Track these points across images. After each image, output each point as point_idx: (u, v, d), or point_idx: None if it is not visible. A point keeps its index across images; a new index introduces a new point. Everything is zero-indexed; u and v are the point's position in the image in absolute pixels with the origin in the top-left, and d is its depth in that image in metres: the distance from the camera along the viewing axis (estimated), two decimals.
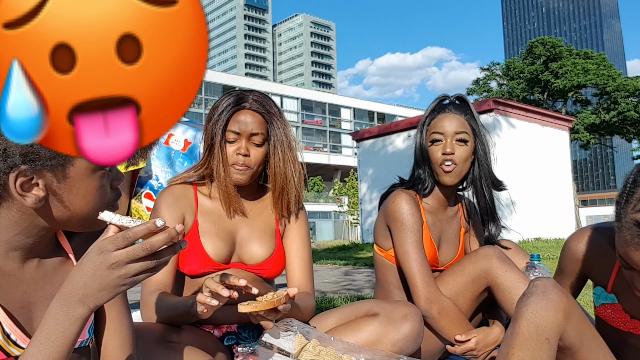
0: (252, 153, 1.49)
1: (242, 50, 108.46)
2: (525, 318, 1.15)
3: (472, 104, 1.83)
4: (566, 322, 1.15)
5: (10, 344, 0.81)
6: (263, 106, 1.51)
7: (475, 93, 27.95)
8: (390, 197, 1.78)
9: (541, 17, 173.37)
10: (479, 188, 1.81)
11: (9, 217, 0.82)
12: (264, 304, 1.16)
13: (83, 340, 0.92)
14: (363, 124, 45.13)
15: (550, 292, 1.16)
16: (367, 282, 5.35)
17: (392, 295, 1.84)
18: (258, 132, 1.49)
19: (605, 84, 24.81)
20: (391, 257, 1.82)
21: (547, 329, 1.13)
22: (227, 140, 1.49)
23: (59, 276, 0.91)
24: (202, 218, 1.51)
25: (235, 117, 1.49)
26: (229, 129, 1.48)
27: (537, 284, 1.19)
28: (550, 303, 1.14)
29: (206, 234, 1.48)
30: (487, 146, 1.81)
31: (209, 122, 1.52)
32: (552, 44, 26.33)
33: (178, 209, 1.49)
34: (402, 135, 13.43)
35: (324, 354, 1.27)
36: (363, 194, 15.00)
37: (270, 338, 1.30)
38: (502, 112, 11.89)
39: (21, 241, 0.84)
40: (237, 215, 1.55)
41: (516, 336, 1.15)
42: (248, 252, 1.52)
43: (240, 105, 1.49)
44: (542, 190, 12.17)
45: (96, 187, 0.84)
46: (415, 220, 1.72)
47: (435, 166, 1.77)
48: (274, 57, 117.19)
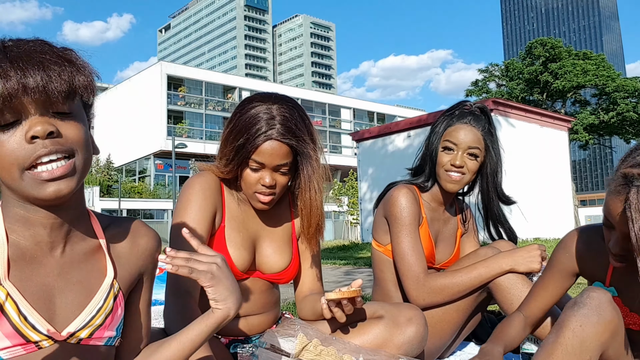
0: (277, 181, 1.38)
1: (242, 50, 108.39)
2: (572, 330, 1.10)
3: (492, 117, 1.83)
4: (611, 341, 1.11)
5: (28, 327, 0.81)
6: (293, 133, 1.35)
7: (474, 94, 27.95)
8: (391, 191, 1.79)
9: (540, 18, 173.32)
10: (486, 201, 1.84)
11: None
12: (350, 292, 1.28)
13: (112, 337, 0.91)
14: (363, 125, 45.11)
15: (605, 309, 1.10)
16: (368, 282, 5.35)
17: (389, 293, 1.85)
18: (285, 162, 1.36)
19: (604, 84, 24.82)
20: (389, 252, 1.82)
21: (592, 346, 1.09)
22: (250, 167, 1.37)
23: (89, 263, 0.91)
24: (229, 223, 1.44)
25: (261, 147, 1.33)
26: (252, 158, 1.35)
27: (593, 296, 1.13)
28: (602, 320, 1.09)
29: (232, 243, 1.42)
30: (497, 162, 1.80)
31: (233, 134, 1.38)
32: (551, 45, 26.33)
33: (212, 204, 1.40)
34: (402, 135, 13.43)
35: (324, 354, 1.28)
36: (363, 193, 15.00)
37: (271, 339, 1.31)
38: (502, 113, 11.90)
39: (20, 214, 0.83)
40: (259, 222, 1.50)
41: (559, 346, 1.11)
42: (268, 262, 1.49)
43: (267, 134, 1.33)
44: (541, 191, 12.17)
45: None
46: (414, 214, 1.73)
47: (441, 170, 1.77)
48: (274, 58, 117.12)
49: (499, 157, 1.80)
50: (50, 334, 0.83)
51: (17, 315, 0.80)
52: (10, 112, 0.76)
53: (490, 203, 1.83)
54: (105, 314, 0.89)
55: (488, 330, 2.04)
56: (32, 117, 0.77)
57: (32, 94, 0.75)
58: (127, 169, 40.07)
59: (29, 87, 0.75)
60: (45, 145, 0.77)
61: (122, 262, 0.96)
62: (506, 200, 1.86)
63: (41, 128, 0.76)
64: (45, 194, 0.79)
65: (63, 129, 0.79)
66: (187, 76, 38.75)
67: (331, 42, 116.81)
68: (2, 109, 0.75)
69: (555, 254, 1.38)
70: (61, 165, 0.78)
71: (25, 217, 0.83)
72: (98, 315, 0.88)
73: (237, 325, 1.45)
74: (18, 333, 0.80)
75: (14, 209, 0.83)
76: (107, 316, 0.90)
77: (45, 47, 0.79)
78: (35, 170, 0.78)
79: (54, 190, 0.79)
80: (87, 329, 0.87)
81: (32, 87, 0.75)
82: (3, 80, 0.74)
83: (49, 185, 0.78)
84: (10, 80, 0.74)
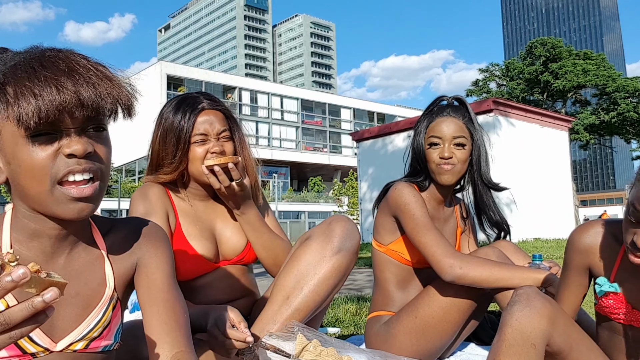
0: (224, 148, 1.51)
1: (242, 50, 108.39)
2: (510, 325, 1.18)
3: (470, 106, 1.83)
4: (552, 327, 1.18)
5: (25, 339, 0.80)
6: (219, 103, 1.54)
7: (474, 94, 27.94)
8: (393, 188, 1.79)
9: (541, 17, 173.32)
10: (475, 189, 1.83)
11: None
12: (226, 159, 1.44)
13: (109, 345, 0.90)
14: (363, 124, 45.12)
15: (533, 299, 1.20)
16: (368, 282, 5.35)
17: (390, 293, 1.84)
18: (224, 128, 1.51)
19: (604, 84, 24.80)
20: (391, 251, 1.81)
21: (533, 334, 1.16)
22: (195, 143, 1.49)
23: (89, 273, 0.90)
24: (184, 220, 1.53)
25: (198, 119, 1.49)
26: (195, 133, 1.48)
27: (520, 293, 1.23)
28: (534, 309, 1.18)
29: (192, 236, 1.51)
30: (484, 149, 1.81)
31: (166, 131, 1.50)
32: (551, 45, 26.32)
33: (162, 205, 1.49)
34: (401, 135, 13.43)
35: (324, 355, 1.27)
36: (363, 193, 15.00)
37: (271, 340, 1.31)
38: (502, 113, 11.89)
39: (29, 227, 0.83)
40: (211, 212, 1.59)
41: (502, 343, 1.18)
42: (229, 246, 1.57)
43: (199, 107, 1.50)
44: (541, 191, 12.17)
45: (26, 155, 0.76)
46: (421, 202, 1.73)
47: (433, 166, 1.77)
48: (274, 58, 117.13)
49: (483, 145, 1.80)
50: (47, 345, 0.82)
51: None
52: (50, 123, 0.75)
53: (480, 192, 1.82)
54: (103, 326, 0.88)
55: (488, 330, 2.04)
56: (71, 134, 0.77)
57: (85, 110, 0.75)
58: (126, 169, 40.10)
59: (84, 101, 0.75)
60: (80, 163, 0.78)
61: (118, 264, 0.94)
62: (495, 186, 1.85)
63: (81, 147, 0.77)
64: (69, 212, 0.79)
65: (97, 148, 0.80)
66: (187, 76, 38.76)
67: (331, 42, 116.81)
68: (46, 119, 0.74)
69: (567, 253, 1.38)
70: (90, 186, 0.79)
71: (33, 230, 0.83)
72: (96, 329, 0.87)
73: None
74: (15, 345, 0.79)
75: (23, 221, 0.83)
76: (104, 328, 0.89)
77: (89, 63, 0.80)
78: (65, 187, 0.78)
79: (77, 210, 0.79)
80: (83, 342, 0.86)
81: (86, 101, 0.75)
82: (58, 92, 0.73)
83: (75, 204, 0.78)
84: (65, 92, 0.74)
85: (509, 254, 1.80)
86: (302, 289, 1.42)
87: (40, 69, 0.75)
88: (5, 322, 0.57)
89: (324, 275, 1.43)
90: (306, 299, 1.42)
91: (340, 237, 1.47)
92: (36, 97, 0.72)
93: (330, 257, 1.44)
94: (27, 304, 0.57)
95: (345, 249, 1.47)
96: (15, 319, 0.57)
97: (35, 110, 0.72)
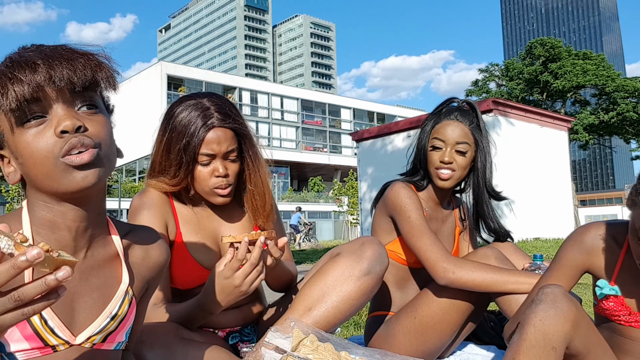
0: (230, 169, 1.43)
1: (242, 50, 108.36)
2: (533, 325, 1.15)
3: (480, 111, 1.81)
4: (574, 331, 1.15)
5: (47, 331, 0.82)
6: (231, 118, 1.41)
7: (474, 94, 27.93)
8: (389, 188, 1.79)
9: (540, 18, 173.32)
10: (476, 196, 1.83)
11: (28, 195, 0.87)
12: (244, 235, 1.23)
13: (121, 342, 0.93)
14: (363, 124, 45.09)
15: (560, 301, 1.16)
16: None
17: (390, 294, 1.84)
18: (232, 147, 1.41)
19: (604, 84, 24.78)
20: (389, 251, 1.81)
21: (555, 337, 1.13)
22: (200, 163, 1.40)
23: (106, 270, 0.92)
24: (185, 229, 1.47)
25: (207, 137, 1.37)
26: (201, 152, 1.38)
27: (547, 292, 1.19)
28: (560, 312, 1.14)
29: (193, 247, 1.46)
30: (489, 157, 1.79)
31: (173, 139, 1.40)
32: (551, 45, 26.30)
33: (161, 216, 1.43)
34: (401, 135, 13.42)
35: (321, 349, 1.27)
36: (363, 193, 14.99)
37: (273, 339, 1.31)
38: (502, 112, 11.89)
39: (47, 218, 0.85)
40: (214, 218, 1.54)
41: (523, 342, 1.15)
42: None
43: (208, 123, 1.38)
44: (541, 191, 12.17)
45: (25, 143, 0.80)
46: (417, 202, 1.73)
47: (432, 169, 1.77)
48: (274, 58, 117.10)
49: (489, 153, 1.79)
50: (67, 338, 0.84)
51: (38, 318, 0.81)
52: (37, 107, 0.79)
53: (480, 198, 1.82)
54: (119, 320, 0.91)
55: (488, 330, 2.04)
56: (60, 113, 0.80)
57: (59, 83, 0.78)
58: (127, 168, 40.08)
59: (55, 77, 0.78)
60: (75, 137, 0.80)
61: (135, 271, 0.98)
62: (496, 195, 1.84)
63: (70, 122, 0.79)
64: (74, 182, 0.80)
65: (89, 124, 0.82)
66: (187, 76, 38.73)
67: (331, 42, 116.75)
68: (29, 103, 0.78)
69: (565, 249, 1.36)
70: (87, 152, 0.81)
71: (51, 221, 0.85)
72: (113, 322, 0.90)
73: (231, 317, 1.51)
74: (37, 336, 0.81)
75: (40, 212, 0.85)
76: (120, 322, 0.92)
77: (71, 47, 0.83)
78: (66, 157, 0.80)
79: (81, 177, 0.80)
80: (102, 334, 0.89)
81: (58, 77, 0.78)
82: (32, 72, 0.77)
83: (77, 172, 0.80)
84: (38, 72, 0.77)
85: (509, 254, 1.80)
86: (325, 303, 1.39)
87: (17, 57, 0.79)
88: (19, 299, 0.60)
89: (349, 294, 1.40)
90: (327, 314, 1.39)
91: (371, 260, 1.43)
92: (11, 81, 0.76)
93: (359, 277, 1.41)
94: (41, 282, 0.60)
95: (375, 272, 1.44)
96: (28, 296, 0.60)
97: (13, 94, 0.76)
